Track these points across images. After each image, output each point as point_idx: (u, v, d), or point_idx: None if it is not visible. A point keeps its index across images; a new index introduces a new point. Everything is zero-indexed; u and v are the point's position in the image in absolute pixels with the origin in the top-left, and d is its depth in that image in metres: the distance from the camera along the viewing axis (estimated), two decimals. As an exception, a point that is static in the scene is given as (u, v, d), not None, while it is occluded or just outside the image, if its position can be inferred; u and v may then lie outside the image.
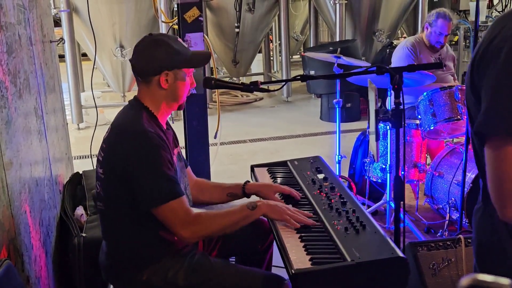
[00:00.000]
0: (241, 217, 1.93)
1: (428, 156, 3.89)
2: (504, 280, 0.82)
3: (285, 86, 7.91)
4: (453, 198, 3.37)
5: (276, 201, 2.09)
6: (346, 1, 6.96)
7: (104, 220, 2.01)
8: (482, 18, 7.30)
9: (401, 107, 1.94)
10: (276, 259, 2.19)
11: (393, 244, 1.71)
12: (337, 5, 6.94)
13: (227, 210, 1.97)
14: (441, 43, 4.01)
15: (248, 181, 2.28)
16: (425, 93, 3.51)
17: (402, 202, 2.03)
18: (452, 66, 4.19)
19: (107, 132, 1.98)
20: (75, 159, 4.56)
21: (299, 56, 10.76)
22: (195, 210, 1.92)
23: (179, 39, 2.04)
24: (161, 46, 1.94)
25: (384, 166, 3.55)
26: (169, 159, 1.88)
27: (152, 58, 1.94)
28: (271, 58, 10.41)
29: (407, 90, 3.75)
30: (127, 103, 2.05)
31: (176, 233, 1.87)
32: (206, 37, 3.39)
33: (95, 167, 3.68)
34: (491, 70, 1.17)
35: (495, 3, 8.98)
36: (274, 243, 2.04)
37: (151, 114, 1.97)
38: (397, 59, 4.07)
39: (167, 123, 2.09)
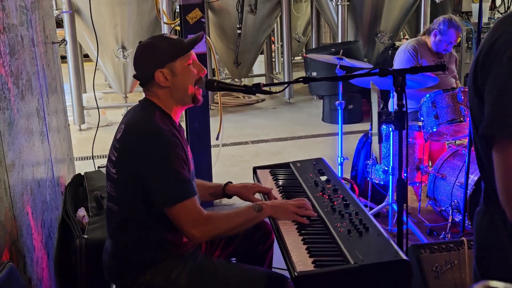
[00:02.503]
0: (249, 219, 1.97)
1: (429, 159, 3.88)
2: None
3: (287, 88, 7.91)
4: (455, 200, 3.36)
5: (256, 201, 2.16)
6: (348, 3, 6.95)
7: (113, 220, 2.00)
8: (484, 19, 7.30)
9: (404, 109, 1.94)
10: (278, 261, 2.19)
11: (396, 247, 1.71)
12: (339, 6, 6.93)
13: (236, 211, 1.99)
14: (449, 51, 4.00)
15: (230, 182, 2.32)
16: (427, 95, 3.51)
17: (404, 204, 2.03)
18: (454, 68, 4.18)
19: (119, 132, 1.97)
20: (77, 160, 4.56)
21: (301, 57, 10.76)
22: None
23: (166, 34, 2.02)
24: (148, 51, 1.95)
25: (386, 168, 3.54)
26: (183, 157, 1.88)
27: (144, 65, 1.96)
28: (273, 59, 10.41)
29: (409, 95, 3.74)
30: (137, 103, 2.04)
31: (187, 232, 1.87)
32: (208, 38, 3.39)
33: (97, 168, 3.69)
34: (495, 72, 1.16)
35: (497, 5, 8.98)
36: (275, 244, 2.04)
37: (164, 113, 1.96)
38: (399, 63, 4.05)
39: (179, 123, 2.08)
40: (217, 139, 3.85)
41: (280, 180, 2.45)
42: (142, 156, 1.84)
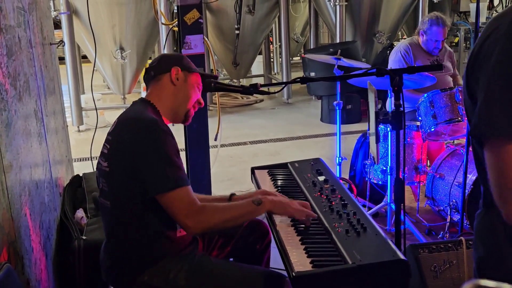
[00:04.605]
0: (246, 212, 1.96)
1: (427, 159, 3.88)
2: (507, 286, 0.81)
3: (285, 88, 7.90)
4: (454, 200, 3.37)
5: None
6: (346, 3, 6.96)
7: (107, 216, 2.00)
8: (482, 19, 7.31)
9: (401, 108, 1.94)
10: (275, 261, 2.19)
11: (394, 247, 1.71)
12: (337, 6, 6.94)
13: (233, 203, 2.01)
14: (439, 48, 3.99)
15: (234, 194, 2.28)
16: (425, 95, 3.51)
17: (402, 204, 2.03)
18: (451, 66, 4.17)
19: (112, 126, 1.99)
20: (75, 161, 4.56)
21: (299, 57, 10.76)
22: None
23: None
24: (174, 55, 2.17)
25: (384, 168, 3.54)
26: (176, 147, 1.90)
27: (166, 59, 2.11)
28: (272, 59, 10.40)
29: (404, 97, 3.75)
30: (131, 103, 2.09)
31: (180, 221, 1.87)
32: (206, 39, 3.38)
33: (95, 169, 3.68)
34: (484, 71, 1.17)
35: (495, 4, 8.99)
36: (272, 244, 2.04)
37: (156, 110, 2.02)
38: (390, 62, 4.08)
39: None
40: (215, 139, 3.84)
41: (279, 181, 2.45)
42: (136, 143, 1.86)
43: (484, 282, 0.81)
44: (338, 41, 7.03)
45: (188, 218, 1.85)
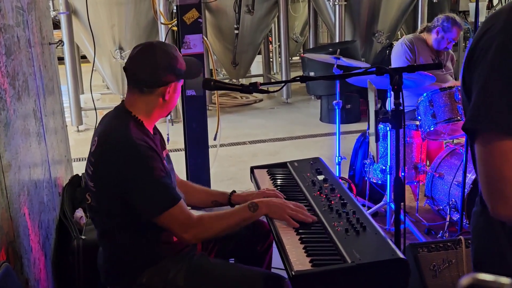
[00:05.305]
0: (242, 219, 1.96)
1: (427, 158, 3.88)
2: (504, 279, 0.81)
3: (284, 88, 7.90)
4: (453, 199, 3.37)
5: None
6: (346, 2, 6.95)
7: (99, 227, 2.00)
8: (481, 19, 7.29)
9: (401, 108, 1.93)
10: (276, 260, 2.18)
11: (393, 246, 1.71)
12: (337, 6, 6.94)
13: (228, 211, 2.00)
14: (449, 48, 4.03)
15: (234, 191, 2.29)
16: (425, 94, 3.51)
17: (402, 204, 2.03)
18: (451, 66, 4.18)
19: (93, 144, 1.94)
20: (74, 161, 4.55)
21: (298, 57, 10.76)
22: (196, 213, 1.93)
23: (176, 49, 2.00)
24: (168, 58, 1.90)
25: (384, 167, 3.54)
26: (161, 167, 1.86)
27: (159, 68, 1.89)
28: (271, 59, 10.40)
29: (407, 93, 3.74)
30: (113, 109, 2.01)
31: (178, 236, 1.88)
32: (205, 38, 3.38)
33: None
34: (480, 68, 1.17)
35: (494, 4, 8.99)
36: (274, 244, 2.04)
37: (138, 123, 1.93)
38: (395, 55, 4.08)
39: (154, 127, 2.07)
40: (214, 139, 3.84)
41: (278, 180, 2.45)
42: (120, 171, 1.83)
43: (482, 276, 0.81)
44: (337, 40, 7.03)
45: (185, 232, 1.87)
